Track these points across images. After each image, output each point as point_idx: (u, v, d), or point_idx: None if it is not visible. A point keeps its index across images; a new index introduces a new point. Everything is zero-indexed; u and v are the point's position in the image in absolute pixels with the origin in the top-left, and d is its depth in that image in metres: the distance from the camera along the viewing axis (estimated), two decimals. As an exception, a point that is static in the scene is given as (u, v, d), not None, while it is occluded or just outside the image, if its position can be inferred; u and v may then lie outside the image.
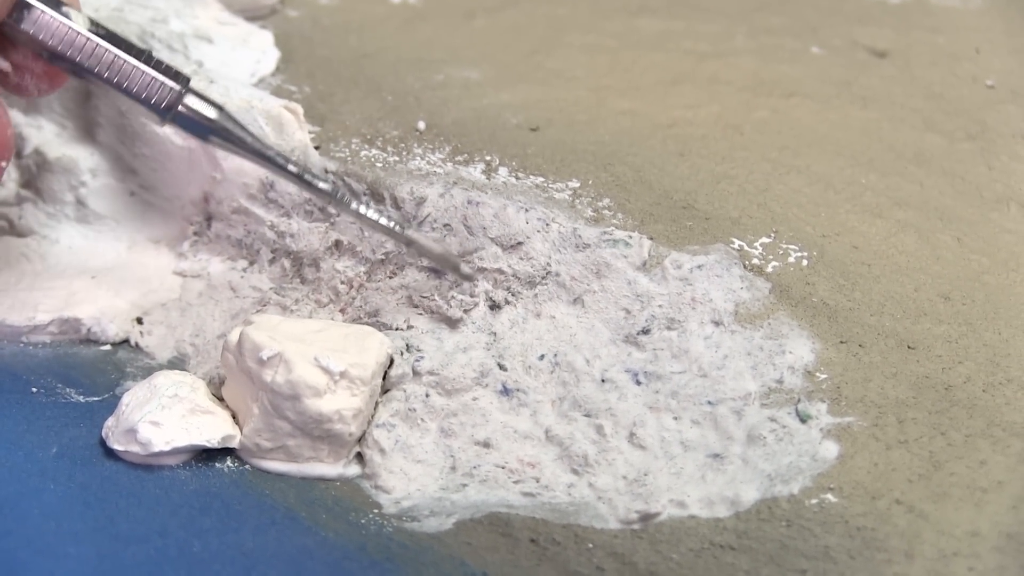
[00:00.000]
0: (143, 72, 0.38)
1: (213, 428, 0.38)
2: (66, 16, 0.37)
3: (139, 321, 0.45)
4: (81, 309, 0.44)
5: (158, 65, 0.38)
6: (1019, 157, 0.50)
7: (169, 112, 0.38)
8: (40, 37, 0.37)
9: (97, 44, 0.37)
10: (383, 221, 0.40)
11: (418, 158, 0.46)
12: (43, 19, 0.37)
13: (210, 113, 0.39)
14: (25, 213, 0.47)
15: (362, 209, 0.40)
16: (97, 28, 0.38)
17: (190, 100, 0.39)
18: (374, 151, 0.46)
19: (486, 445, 0.38)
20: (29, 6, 0.37)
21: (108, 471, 0.37)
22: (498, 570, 0.34)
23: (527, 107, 0.51)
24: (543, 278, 0.41)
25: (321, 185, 0.40)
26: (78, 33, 0.37)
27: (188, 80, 0.39)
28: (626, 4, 0.64)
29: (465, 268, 0.41)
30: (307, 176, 0.40)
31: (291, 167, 0.40)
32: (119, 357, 0.44)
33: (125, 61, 0.38)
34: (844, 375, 0.38)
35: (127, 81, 0.38)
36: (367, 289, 0.43)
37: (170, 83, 0.38)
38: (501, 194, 0.43)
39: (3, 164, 0.37)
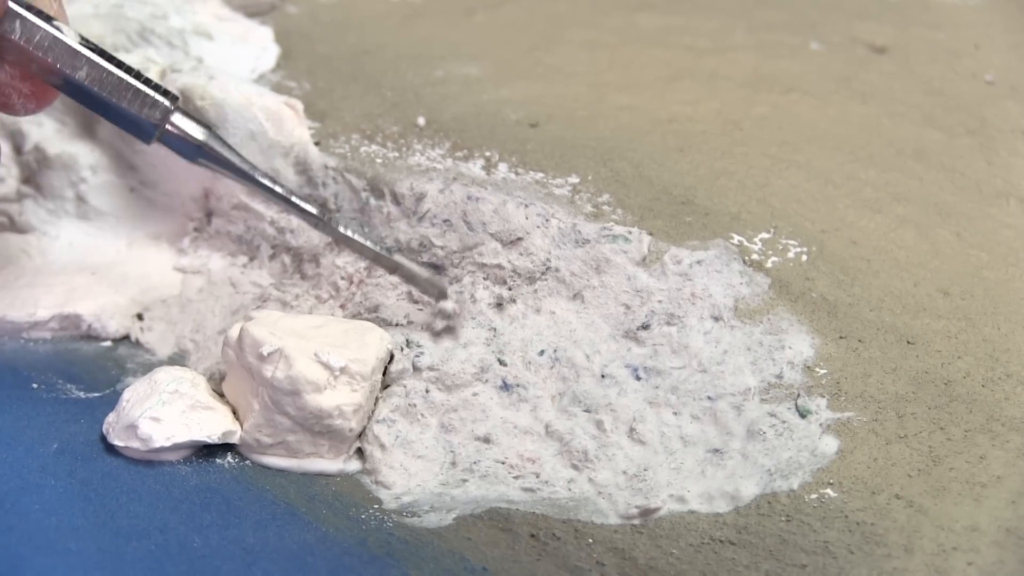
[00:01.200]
0: (133, 87, 0.38)
1: (213, 424, 0.38)
2: (58, 30, 0.37)
3: (139, 317, 0.45)
4: (81, 305, 0.44)
5: (148, 82, 0.38)
6: (1018, 153, 0.50)
7: (157, 129, 0.38)
8: (31, 49, 0.36)
9: (88, 57, 0.37)
10: (369, 245, 0.41)
11: (418, 154, 0.46)
12: (35, 32, 0.36)
13: (198, 133, 0.39)
14: (25, 209, 0.47)
15: (349, 232, 0.41)
16: (87, 43, 0.38)
17: (178, 119, 0.39)
18: (374, 147, 0.46)
19: (486, 440, 0.38)
20: (21, 18, 0.36)
21: (109, 467, 0.37)
22: (498, 565, 0.34)
23: (527, 103, 0.51)
24: (543, 274, 0.41)
25: (308, 208, 0.41)
26: (69, 46, 0.37)
27: (177, 99, 0.39)
28: (626, 0, 0.64)
29: (452, 298, 0.41)
30: (294, 199, 0.41)
31: (278, 189, 0.40)
32: (119, 353, 0.44)
33: (116, 75, 0.38)
34: (843, 370, 0.38)
35: (117, 95, 0.38)
36: (367, 285, 0.43)
37: (160, 99, 0.38)
38: (501, 190, 0.43)
39: None
